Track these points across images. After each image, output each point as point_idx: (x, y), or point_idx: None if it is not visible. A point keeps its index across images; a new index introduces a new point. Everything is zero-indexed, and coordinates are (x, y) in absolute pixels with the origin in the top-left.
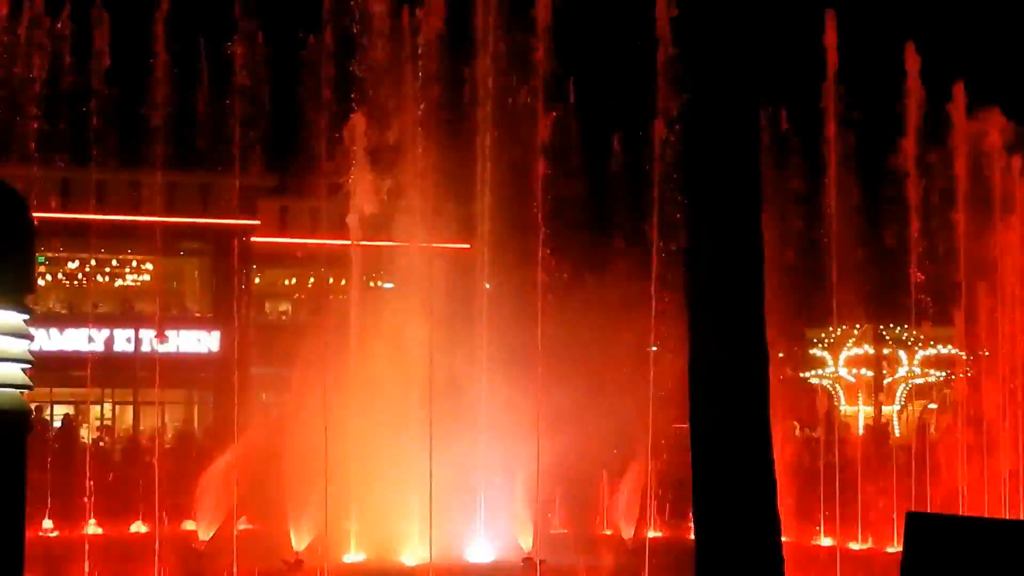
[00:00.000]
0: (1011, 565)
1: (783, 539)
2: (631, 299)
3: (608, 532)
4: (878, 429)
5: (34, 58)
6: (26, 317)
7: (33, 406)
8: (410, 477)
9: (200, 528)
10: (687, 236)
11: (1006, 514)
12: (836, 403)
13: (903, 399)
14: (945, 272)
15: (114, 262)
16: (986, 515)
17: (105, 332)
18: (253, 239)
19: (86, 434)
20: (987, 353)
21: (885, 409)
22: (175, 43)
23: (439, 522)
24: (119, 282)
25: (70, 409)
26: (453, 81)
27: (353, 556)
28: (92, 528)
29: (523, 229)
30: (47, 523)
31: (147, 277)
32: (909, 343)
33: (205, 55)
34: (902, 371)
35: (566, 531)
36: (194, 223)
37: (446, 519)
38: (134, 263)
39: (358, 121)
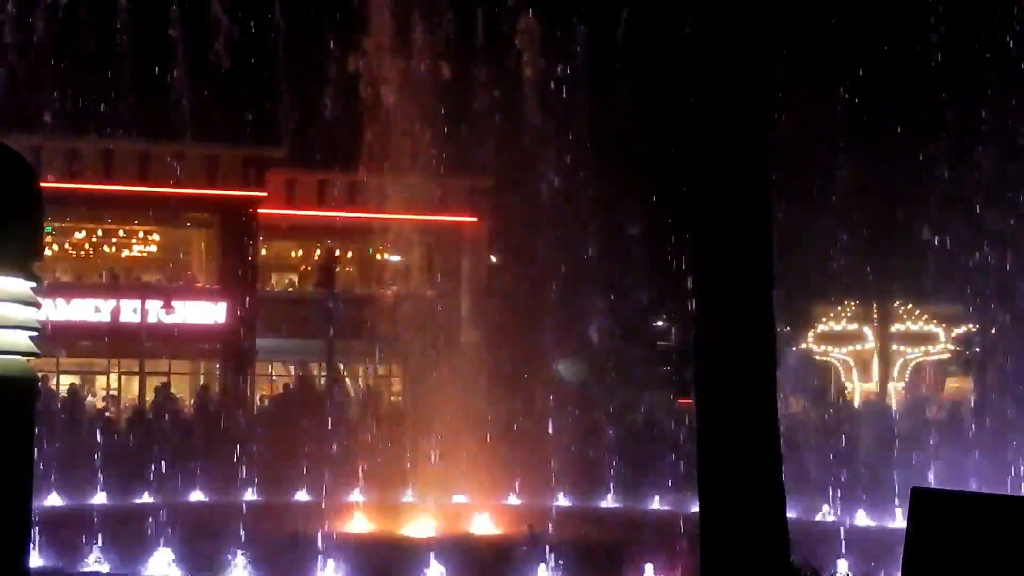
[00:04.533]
0: (1016, 541)
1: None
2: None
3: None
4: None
5: (44, 27)
6: (34, 285)
7: (39, 375)
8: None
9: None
10: (694, 214)
11: None
12: (845, 379)
13: (908, 375)
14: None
15: (121, 232)
16: None
17: (112, 302)
18: (260, 210)
19: (92, 404)
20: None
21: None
22: (185, 15)
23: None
24: (126, 252)
25: (76, 379)
26: (463, 52)
27: (358, 527)
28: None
29: (529, 205)
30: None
31: (154, 248)
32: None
33: (215, 27)
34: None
35: (570, 504)
36: (201, 194)
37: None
38: (141, 234)
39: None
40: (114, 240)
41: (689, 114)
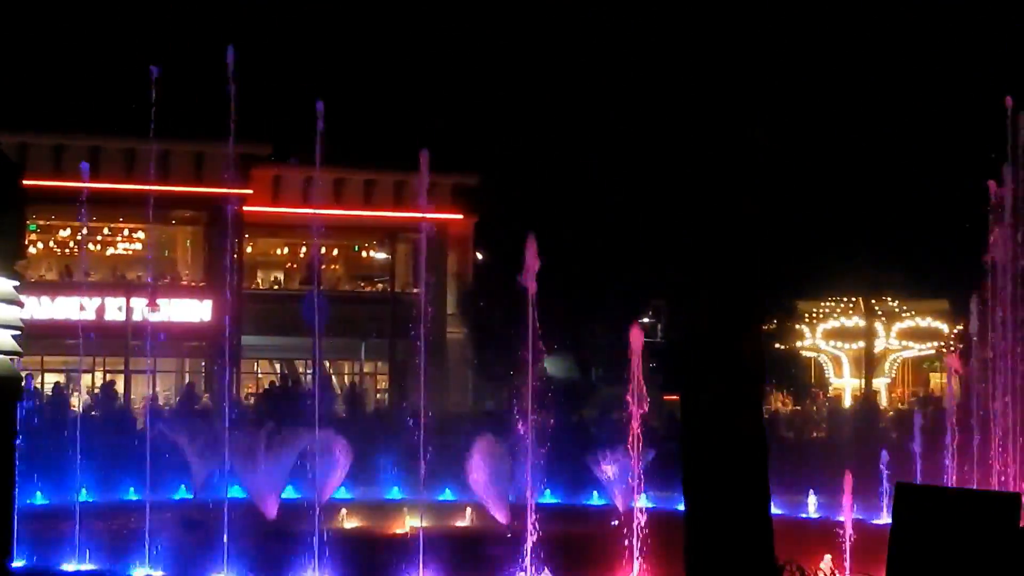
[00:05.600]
0: (993, 533)
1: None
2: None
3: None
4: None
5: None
6: (16, 283)
7: (24, 374)
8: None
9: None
10: (683, 211)
11: None
12: (833, 375)
13: (892, 371)
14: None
15: (106, 230)
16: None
17: (96, 300)
18: (246, 208)
19: (77, 402)
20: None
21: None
22: (170, 12)
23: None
24: (111, 250)
25: (61, 377)
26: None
27: (345, 523)
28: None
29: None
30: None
31: (139, 246)
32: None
33: (200, 23)
34: (895, 343)
35: (555, 500)
36: (187, 192)
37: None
38: (126, 231)
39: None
40: (99, 238)
41: (673, 113)
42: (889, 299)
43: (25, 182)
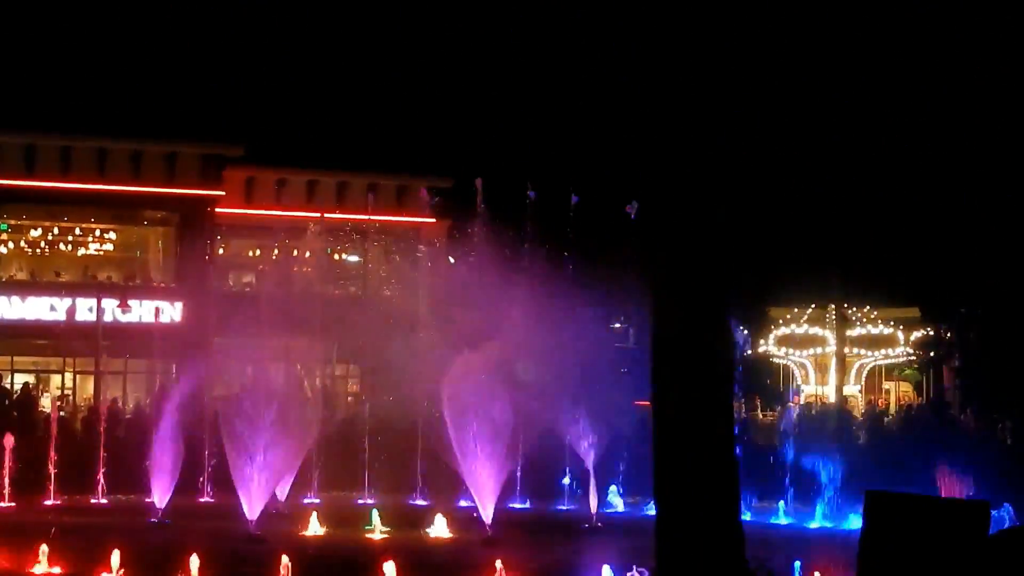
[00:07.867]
0: (962, 541)
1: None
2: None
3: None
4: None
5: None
6: None
7: None
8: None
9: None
10: (651, 216)
11: None
12: (804, 382)
13: (862, 379)
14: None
15: (77, 231)
16: None
17: (67, 301)
18: (217, 209)
19: (47, 403)
20: (949, 336)
21: (846, 389)
22: (142, 11)
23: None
24: (82, 251)
25: (31, 378)
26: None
27: (314, 530)
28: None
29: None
30: None
31: (110, 246)
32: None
33: (172, 24)
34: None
35: (528, 506)
36: (158, 192)
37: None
38: (97, 232)
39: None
40: (70, 238)
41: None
42: (867, 307)
43: None
